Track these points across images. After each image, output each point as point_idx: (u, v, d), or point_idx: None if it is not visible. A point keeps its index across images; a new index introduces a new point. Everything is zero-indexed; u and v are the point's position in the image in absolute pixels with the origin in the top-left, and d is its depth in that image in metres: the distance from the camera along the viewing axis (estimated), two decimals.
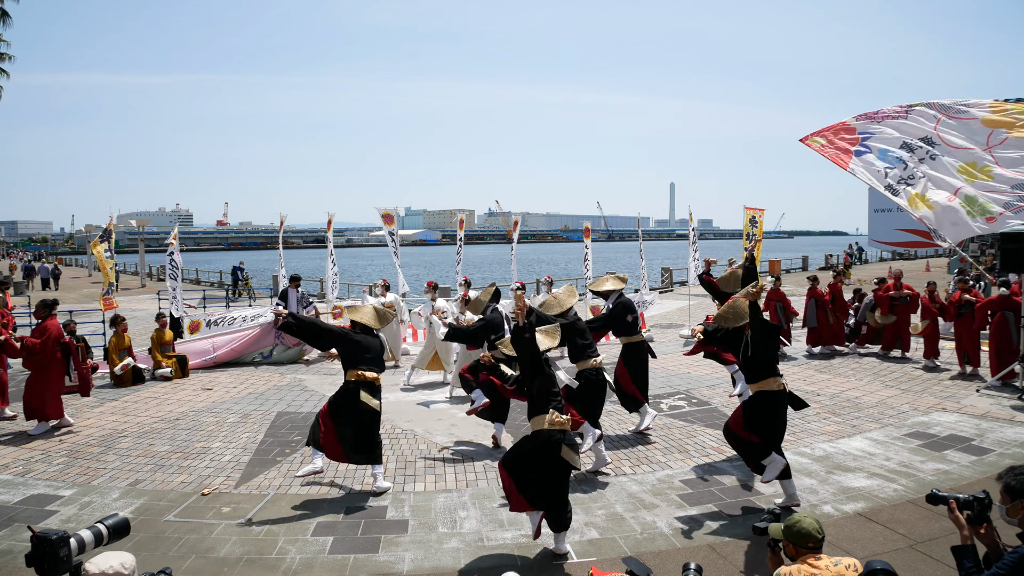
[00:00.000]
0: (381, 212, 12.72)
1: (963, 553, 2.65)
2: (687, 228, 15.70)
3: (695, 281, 15.16)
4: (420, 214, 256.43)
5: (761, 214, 13.81)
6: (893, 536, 4.69)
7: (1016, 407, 7.88)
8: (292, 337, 11.27)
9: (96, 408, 8.54)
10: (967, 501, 2.72)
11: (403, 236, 36.00)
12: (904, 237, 17.75)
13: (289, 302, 11.56)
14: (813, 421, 7.52)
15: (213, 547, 4.69)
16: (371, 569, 4.40)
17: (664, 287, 25.10)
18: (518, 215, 13.69)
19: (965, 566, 2.65)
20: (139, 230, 34.27)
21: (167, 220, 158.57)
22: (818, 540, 2.75)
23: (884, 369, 10.16)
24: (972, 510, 2.71)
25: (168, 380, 10.09)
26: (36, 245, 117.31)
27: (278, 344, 11.33)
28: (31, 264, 35.18)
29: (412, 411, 8.33)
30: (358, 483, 5.93)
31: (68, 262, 59.22)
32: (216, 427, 7.63)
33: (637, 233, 15.72)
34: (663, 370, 10.45)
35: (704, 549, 4.61)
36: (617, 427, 7.49)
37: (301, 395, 9.16)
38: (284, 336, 11.33)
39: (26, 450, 6.85)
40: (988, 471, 5.77)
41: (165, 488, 5.81)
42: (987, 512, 2.70)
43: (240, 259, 31.19)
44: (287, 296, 11.63)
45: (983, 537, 2.70)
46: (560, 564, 4.42)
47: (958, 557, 2.68)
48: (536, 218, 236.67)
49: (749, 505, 5.31)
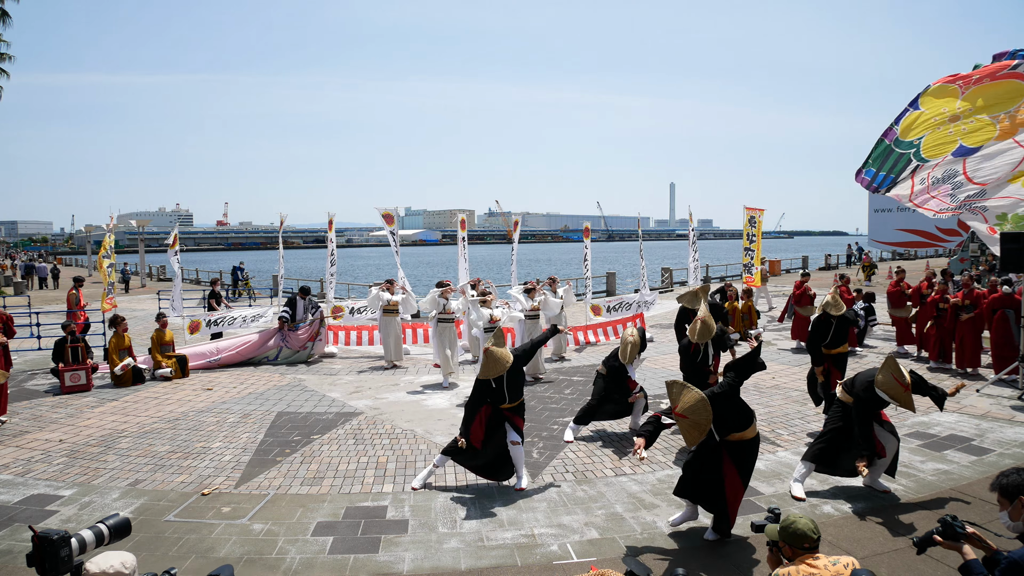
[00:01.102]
0: (381, 212, 12.71)
1: (968, 570, 2.71)
2: (687, 228, 15.70)
3: (696, 281, 15.19)
4: (420, 214, 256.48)
5: (761, 214, 13.82)
6: (893, 536, 4.70)
7: (1016, 407, 7.88)
8: (297, 340, 11.39)
9: (96, 408, 8.54)
10: (947, 525, 2.86)
11: (403, 236, 36.01)
12: (904, 237, 17.75)
13: (297, 309, 11.63)
14: (813, 421, 7.52)
15: (213, 547, 4.69)
16: (371, 569, 4.41)
17: (664, 287, 25.11)
18: (518, 215, 13.64)
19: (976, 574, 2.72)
20: (139, 230, 34.29)
21: (167, 220, 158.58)
22: (814, 541, 2.76)
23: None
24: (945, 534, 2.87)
25: (168, 380, 10.09)
26: (36, 245, 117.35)
27: (283, 348, 11.37)
28: (31, 263, 35.57)
29: (412, 411, 8.34)
30: (358, 484, 5.93)
31: (68, 262, 59.23)
32: (216, 427, 7.64)
33: (637, 233, 15.71)
34: (663, 370, 10.45)
35: (704, 549, 4.61)
36: (617, 427, 7.49)
37: (301, 395, 9.16)
38: (289, 339, 11.39)
39: (26, 450, 6.85)
40: (988, 471, 5.78)
41: (165, 488, 5.81)
42: (956, 527, 2.83)
43: (240, 259, 31.20)
44: (295, 304, 11.67)
45: (975, 545, 2.77)
46: (560, 564, 4.42)
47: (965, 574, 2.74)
48: (536, 218, 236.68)
49: (749, 505, 5.31)
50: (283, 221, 14.60)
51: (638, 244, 14.97)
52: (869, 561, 4.27)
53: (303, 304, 11.70)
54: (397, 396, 9.13)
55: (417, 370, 10.69)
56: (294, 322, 11.48)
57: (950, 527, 2.83)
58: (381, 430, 7.52)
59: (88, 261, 42.82)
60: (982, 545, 2.75)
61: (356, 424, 7.75)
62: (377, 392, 9.34)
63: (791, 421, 7.56)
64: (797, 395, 8.68)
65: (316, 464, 6.39)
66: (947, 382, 9.08)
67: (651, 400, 8.57)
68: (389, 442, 7.08)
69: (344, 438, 7.21)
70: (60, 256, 67.04)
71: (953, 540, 2.81)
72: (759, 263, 13.83)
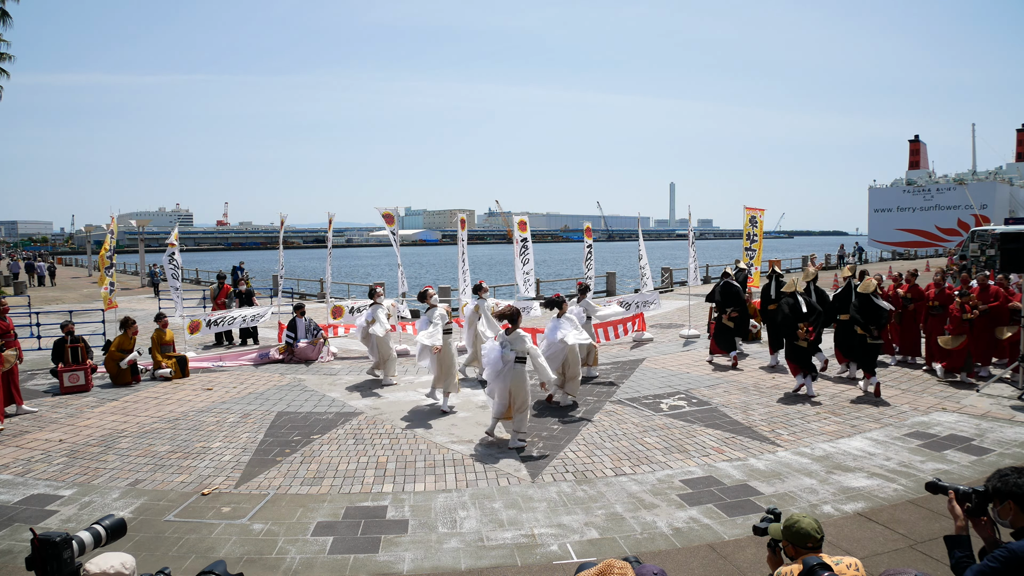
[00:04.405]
0: (382, 212, 12.70)
1: (955, 543, 2.65)
2: (687, 228, 15.69)
3: (695, 281, 15.18)
4: (420, 214, 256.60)
5: (761, 214, 13.80)
6: (893, 536, 4.70)
7: (1016, 407, 7.88)
8: (302, 352, 11.38)
9: (96, 408, 8.54)
10: (966, 493, 2.72)
11: (403, 236, 35.97)
12: (904, 237, 17.81)
13: (298, 331, 11.60)
14: (813, 421, 7.52)
15: (213, 547, 4.69)
16: (371, 569, 4.41)
17: (664, 287, 25.09)
18: (519, 215, 13.61)
19: (955, 555, 2.64)
20: (139, 230, 34.31)
21: (167, 220, 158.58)
22: (817, 540, 2.75)
23: (884, 369, 10.16)
24: (971, 502, 2.71)
25: (168, 380, 10.09)
26: (36, 245, 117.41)
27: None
28: (30, 262, 36.37)
29: (412, 411, 8.33)
30: (358, 484, 5.93)
31: (68, 262, 59.24)
32: (216, 427, 7.63)
33: (637, 233, 15.70)
34: (663, 370, 10.45)
35: (704, 549, 4.61)
36: (617, 427, 7.50)
37: (301, 395, 9.16)
38: (296, 355, 11.46)
39: (26, 450, 6.85)
40: (988, 471, 5.77)
41: (165, 488, 5.81)
42: (986, 505, 2.70)
43: (240, 259, 31.19)
44: (295, 326, 11.61)
45: (981, 530, 2.70)
46: (560, 564, 4.42)
47: (950, 546, 2.68)
48: (536, 218, 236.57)
49: (749, 505, 5.31)
50: (283, 221, 14.59)
51: (638, 244, 14.95)
52: (869, 561, 4.27)
53: (303, 324, 11.68)
54: (397, 396, 9.13)
55: (417, 370, 10.68)
56: (296, 342, 11.52)
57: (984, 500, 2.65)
58: (381, 430, 7.52)
59: (88, 261, 42.88)
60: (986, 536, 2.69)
61: (356, 424, 7.75)
62: (377, 392, 9.33)
63: (791, 421, 7.57)
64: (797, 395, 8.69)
65: (316, 464, 6.39)
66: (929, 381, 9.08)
67: (651, 400, 8.58)
68: (389, 442, 7.08)
69: (344, 438, 7.21)
70: (60, 256, 67.11)
71: (975, 515, 2.67)
72: (759, 263, 13.80)
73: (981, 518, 2.69)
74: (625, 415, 7.95)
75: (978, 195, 52.58)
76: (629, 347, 12.58)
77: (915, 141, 65.82)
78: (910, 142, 65.94)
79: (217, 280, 15.60)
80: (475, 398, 8.91)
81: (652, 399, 8.67)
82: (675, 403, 8.45)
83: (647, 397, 8.77)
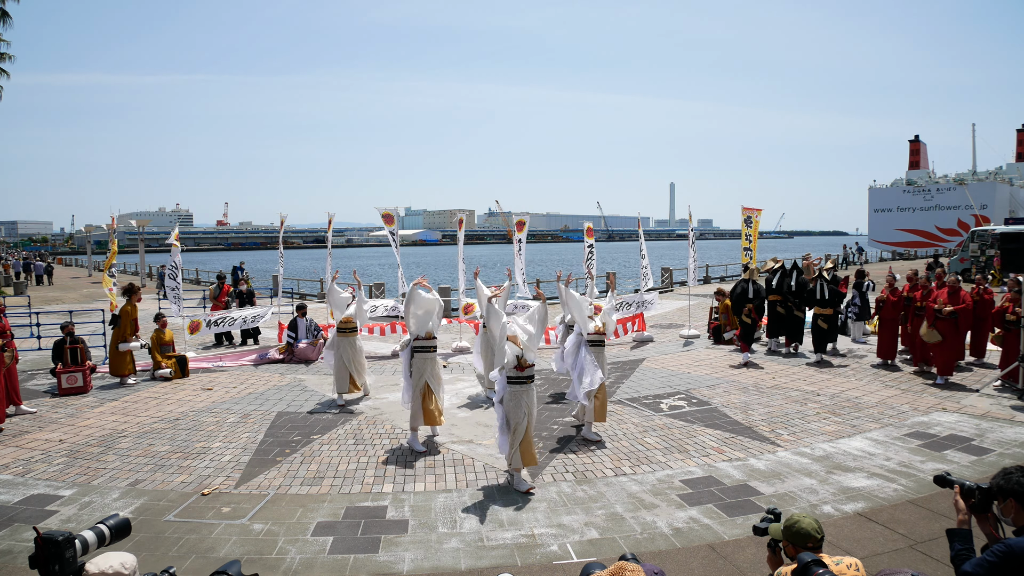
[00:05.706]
0: (381, 212, 12.69)
1: (956, 535, 2.67)
2: (687, 228, 15.68)
3: (695, 281, 15.17)
4: (420, 214, 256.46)
5: (758, 214, 13.81)
6: (893, 536, 4.70)
7: (1016, 407, 7.88)
8: (302, 353, 11.38)
9: (96, 408, 8.54)
10: (970, 489, 2.74)
11: (403, 236, 35.99)
12: (904, 237, 17.80)
13: (299, 331, 11.61)
14: (813, 421, 7.53)
15: (213, 547, 4.69)
16: (371, 569, 4.41)
17: (664, 287, 25.08)
18: (519, 215, 13.60)
19: (955, 548, 2.67)
20: (139, 230, 34.27)
21: (167, 220, 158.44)
22: (817, 540, 2.76)
23: (884, 369, 10.17)
24: (975, 498, 2.73)
25: (168, 380, 10.09)
26: (36, 245, 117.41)
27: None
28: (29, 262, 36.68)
29: None
30: (358, 484, 5.93)
31: (68, 262, 59.24)
32: (216, 427, 7.64)
33: (637, 233, 15.69)
34: (663, 370, 10.46)
35: (704, 549, 4.61)
36: (617, 427, 7.50)
37: (301, 395, 9.16)
38: (297, 354, 11.47)
39: (26, 450, 6.85)
40: (988, 471, 5.78)
41: (165, 488, 5.81)
42: (990, 502, 2.72)
43: (240, 259, 31.18)
44: (296, 326, 11.63)
45: (984, 526, 2.71)
46: (560, 564, 4.43)
47: (951, 539, 2.70)
48: (536, 218, 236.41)
49: (749, 505, 5.31)
50: (283, 221, 14.59)
51: (638, 244, 14.93)
52: (869, 561, 4.27)
53: (304, 324, 11.69)
54: (397, 396, 9.11)
55: None
56: (297, 342, 11.54)
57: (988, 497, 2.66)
58: (381, 430, 7.53)
59: (88, 261, 42.87)
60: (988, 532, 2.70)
61: (356, 424, 7.75)
62: (377, 392, 9.33)
63: (791, 421, 7.57)
64: (797, 395, 8.69)
65: (316, 464, 6.39)
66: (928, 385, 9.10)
67: (651, 400, 8.58)
68: (389, 442, 7.08)
69: (344, 438, 7.21)
70: (60, 256, 67.14)
71: (978, 511, 2.69)
72: (755, 262, 13.80)
73: (986, 514, 2.71)
74: (625, 415, 7.96)
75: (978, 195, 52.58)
76: (629, 347, 12.58)
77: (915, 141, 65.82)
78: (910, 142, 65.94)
79: (217, 280, 15.57)
80: (465, 391, 8.90)
81: (652, 399, 8.67)
82: (675, 403, 8.45)
83: (647, 397, 8.77)
